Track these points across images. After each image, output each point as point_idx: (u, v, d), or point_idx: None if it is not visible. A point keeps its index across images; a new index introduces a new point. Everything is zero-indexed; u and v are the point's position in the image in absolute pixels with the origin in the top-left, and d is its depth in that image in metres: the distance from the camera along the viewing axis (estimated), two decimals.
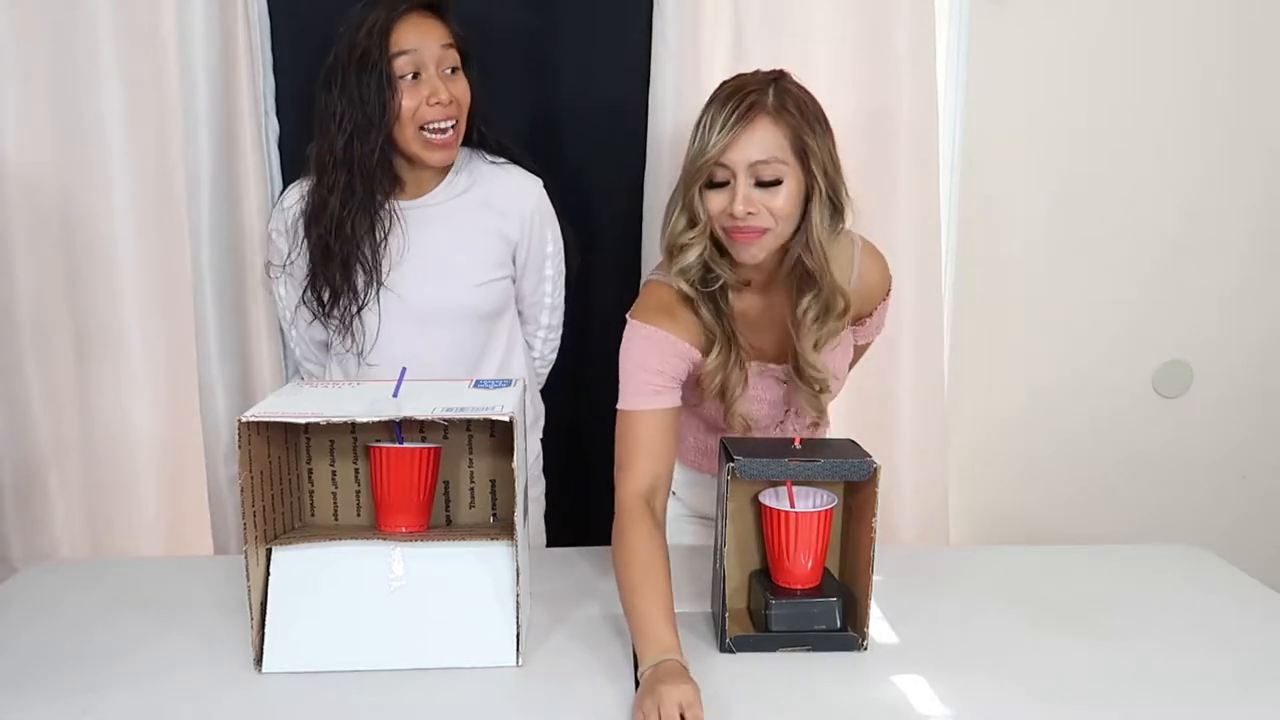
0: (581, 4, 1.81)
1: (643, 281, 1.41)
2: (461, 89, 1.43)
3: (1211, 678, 1.06)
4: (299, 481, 1.18)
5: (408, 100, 1.38)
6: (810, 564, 1.11)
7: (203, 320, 1.80)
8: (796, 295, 1.28)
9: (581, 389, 1.92)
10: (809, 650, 1.09)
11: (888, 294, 1.41)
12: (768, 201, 1.19)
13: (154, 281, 1.88)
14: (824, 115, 1.25)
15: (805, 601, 1.10)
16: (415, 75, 1.39)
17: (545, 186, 1.59)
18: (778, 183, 1.20)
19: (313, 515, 1.20)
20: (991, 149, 1.98)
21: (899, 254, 1.87)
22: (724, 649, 1.10)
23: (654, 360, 1.26)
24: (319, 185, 1.44)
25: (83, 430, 1.92)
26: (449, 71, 1.42)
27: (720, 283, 1.27)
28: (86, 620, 1.18)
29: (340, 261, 1.43)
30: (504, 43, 1.80)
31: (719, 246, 1.25)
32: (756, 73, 1.25)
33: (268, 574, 1.07)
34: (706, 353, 1.28)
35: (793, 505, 1.10)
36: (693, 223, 1.23)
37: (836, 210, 1.25)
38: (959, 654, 1.11)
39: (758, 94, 1.20)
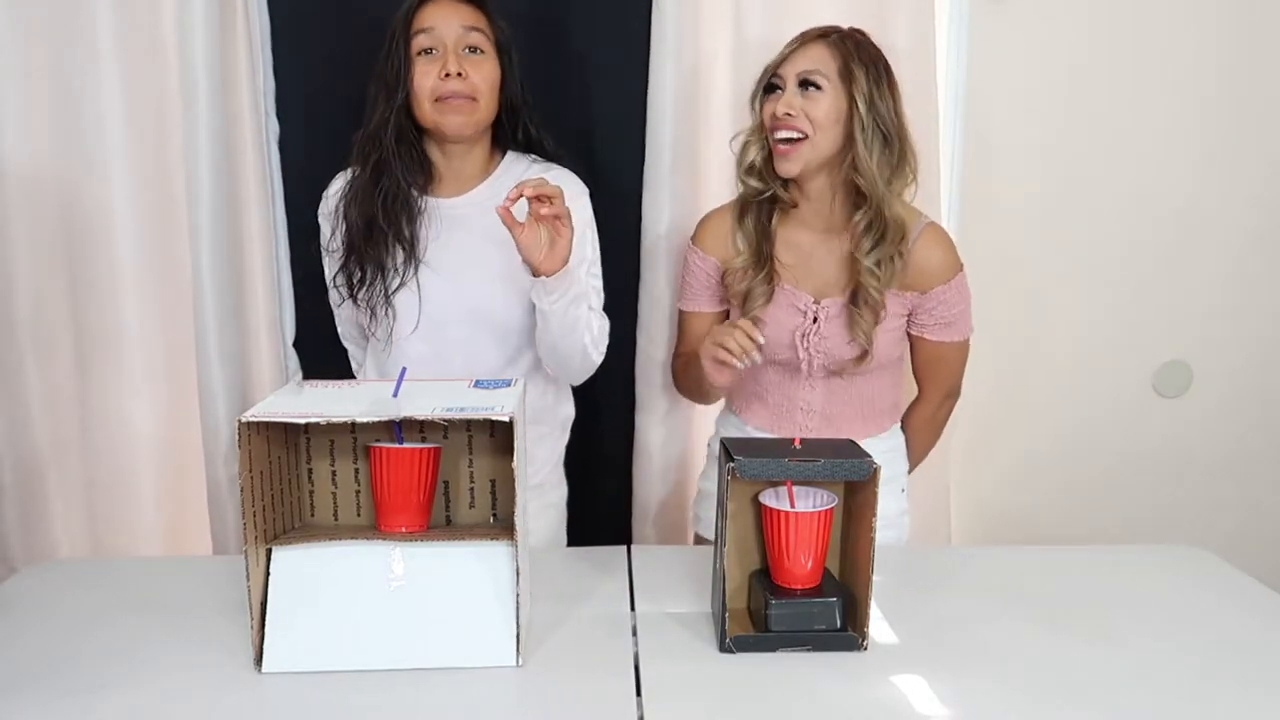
0: (582, 4, 1.81)
1: None
2: (483, 71, 1.43)
3: (1211, 678, 1.06)
4: (299, 481, 1.18)
5: (422, 75, 1.41)
6: (810, 564, 1.11)
7: (202, 320, 1.80)
8: (852, 212, 1.43)
9: (584, 390, 1.92)
10: (809, 650, 1.09)
11: (948, 280, 1.46)
12: (807, 107, 1.38)
13: (154, 281, 1.88)
14: (884, 66, 1.42)
15: (805, 601, 1.10)
16: (431, 52, 1.41)
17: None
18: (818, 88, 1.38)
19: (313, 515, 1.20)
20: (991, 149, 1.98)
21: None
22: (724, 649, 1.10)
23: (689, 270, 1.57)
24: (355, 167, 1.48)
25: (83, 430, 1.92)
26: (468, 51, 1.43)
27: (769, 193, 1.47)
28: (86, 620, 1.18)
29: (379, 239, 1.44)
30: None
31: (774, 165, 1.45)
32: (837, 25, 1.45)
33: (268, 574, 1.07)
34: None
35: (793, 505, 1.10)
36: (754, 131, 1.46)
37: (888, 145, 1.40)
38: (959, 654, 1.11)
39: (823, 31, 1.42)
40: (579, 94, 1.85)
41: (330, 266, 1.53)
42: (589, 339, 1.44)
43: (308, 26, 1.79)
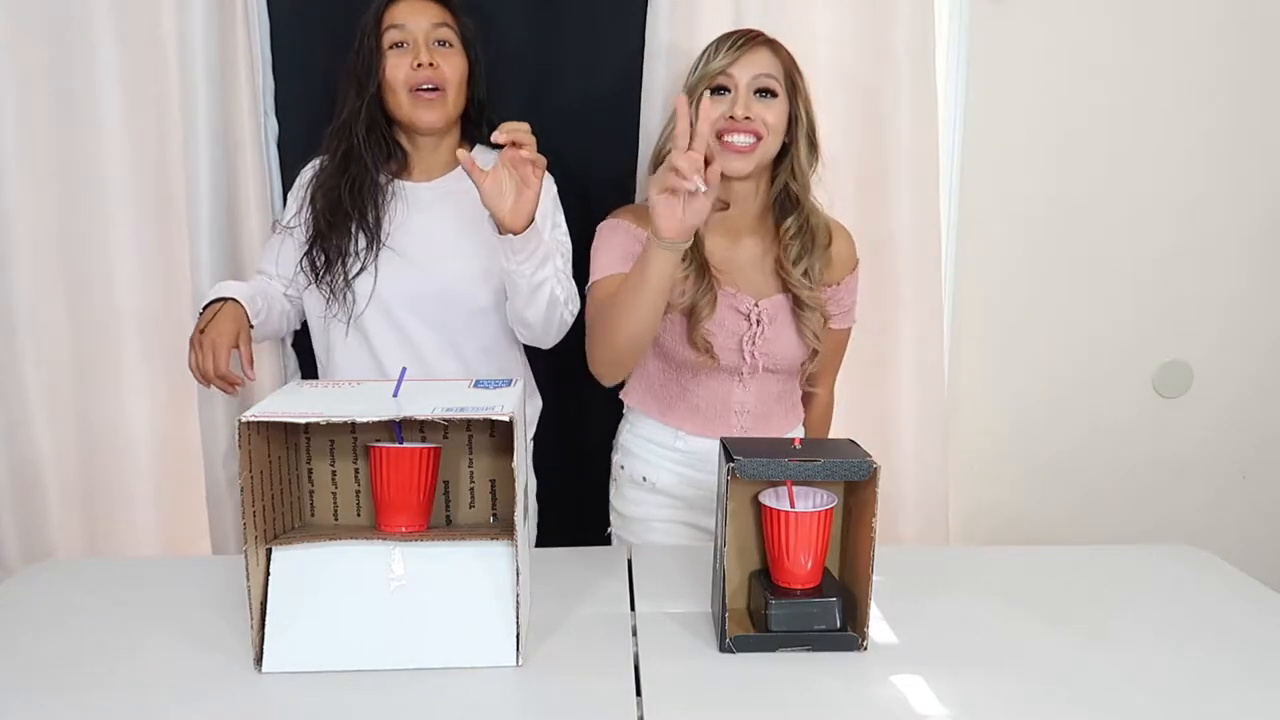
0: (578, 2, 1.81)
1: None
2: (451, 63, 1.50)
3: (1211, 678, 1.06)
4: (299, 481, 1.18)
5: (394, 67, 1.48)
6: (810, 564, 1.11)
7: None
8: (780, 218, 1.47)
9: (577, 386, 1.91)
10: (809, 650, 1.09)
11: (854, 269, 1.56)
12: (762, 112, 1.39)
13: (153, 282, 1.88)
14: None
15: (805, 601, 1.10)
16: (403, 46, 1.48)
17: None
18: (774, 95, 1.40)
19: (313, 515, 1.20)
20: (991, 149, 1.98)
21: (899, 254, 1.87)
22: (724, 649, 1.10)
23: (617, 241, 1.44)
24: (326, 156, 1.55)
25: (81, 431, 1.92)
26: (438, 45, 1.50)
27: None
28: (86, 620, 1.18)
29: (340, 225, 1.49)
30: (500, 39, 1.80)
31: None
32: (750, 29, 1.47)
33: (268, 574, 1.07)
34: None
35: (793, 505, 1.10)
36: (670, 136, 1.38)
37: (814, 148, 1.46)
38: (959, 654, 1.11)
39: (756, 32, 1.44)
40: (573, 90, 1.84)
41: (279, 243, 1.58)
42: (560, 294, 1.46)
43: (308, 26, 1.79)
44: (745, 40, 1.41)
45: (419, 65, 1.46)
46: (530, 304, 1.41)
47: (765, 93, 1.40)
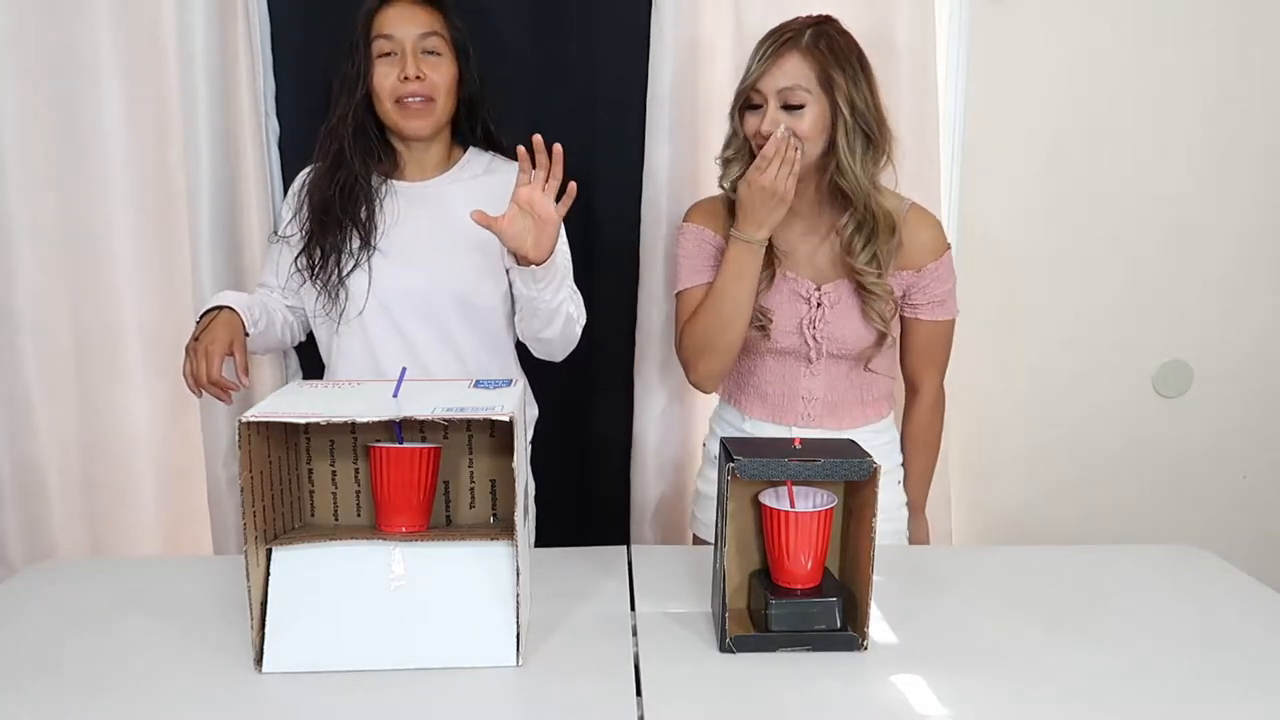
0: (581, 2, 1.81)
1: None
2: (441, 71, 1.51)
3: (1211, 678, 1.06)
4: (299, 481, 1.18)
5: (382, 77, 1.49)
6: (810, 564, 1.11)
7: None
8: (833, 209, 1.47)
9: (581, 386, 1.92)
10: (809, 650, 1.09)
11: (939, 256, 1.50)
12: (792, 123, 1.38)
13: (154, 282, 1.88)
14: (860, 58, 1.43)
15: (805, 601, 1.10)
16: (391, 55, 1.49)
17: None
18: (801, 107, 1.38)
19: (313, 515, 1.20)
20: (991, 148, 1.98)
21: None
22: (724, 649, 1.10)
23: (690, 248, 1.53)
24: (317, 157, 1.55)
25: (82, 431, 1.92)
26: (426, 54, 1.50)
27: None
28: (86, 620, 1.18)
29: (332, 225, 1.50)
30: (503, 39, 1.80)
31: None
32: (805, 16, 1.44)
33: (268, 574, 1.07)
34: None
35: (793, 505, 1.10)
36: (734, 141, 1.46)
37: (871, 141, 1.42)
38: (959, 654, 1.11)
39: (795, 33, 1.40)
40: (578, 90, 1.84)
41: (278, 253, 1.59)
42: (574, 311, 1.47)
43: (308, 26, 1.79)
44: (776, 46, 1.39)
45: (406, 78, 1.47)
46: (548, 325, 1.44)
47: (793, 106, 1.38)
